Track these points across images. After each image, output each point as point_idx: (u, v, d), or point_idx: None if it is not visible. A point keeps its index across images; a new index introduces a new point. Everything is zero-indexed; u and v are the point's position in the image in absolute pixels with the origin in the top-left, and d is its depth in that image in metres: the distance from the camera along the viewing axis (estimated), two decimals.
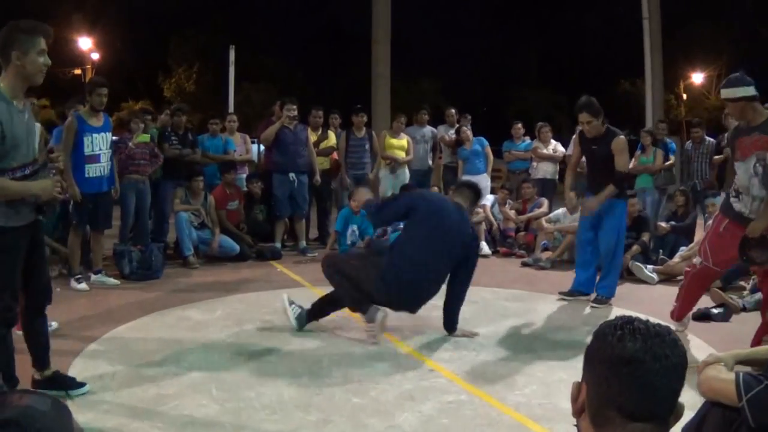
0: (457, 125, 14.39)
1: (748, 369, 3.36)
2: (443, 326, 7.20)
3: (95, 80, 10.31)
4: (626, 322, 1.90)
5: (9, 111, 4.66)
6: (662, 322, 1.94)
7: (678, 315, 7.36)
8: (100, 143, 9.16)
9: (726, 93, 6.57)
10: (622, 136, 8.63)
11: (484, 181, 13.74)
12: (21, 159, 4.77)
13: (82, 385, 5.40)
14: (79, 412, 4.84)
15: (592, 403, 1.89)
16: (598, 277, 8.97)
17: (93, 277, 9.56)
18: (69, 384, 5.33)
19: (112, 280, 9.65)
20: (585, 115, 8.55)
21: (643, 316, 1.93)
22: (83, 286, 9.09)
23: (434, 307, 8.13)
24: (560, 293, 9.14)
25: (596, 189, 8.75)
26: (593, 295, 8.79)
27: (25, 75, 4.78)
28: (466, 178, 13.39)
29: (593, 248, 8.97)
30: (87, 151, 8.97)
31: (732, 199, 6.77)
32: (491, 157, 14.30)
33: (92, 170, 9.06)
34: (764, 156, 6.37)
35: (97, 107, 9.24)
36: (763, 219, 6.39)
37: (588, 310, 8.47)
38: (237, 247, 11.56)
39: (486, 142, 14.17)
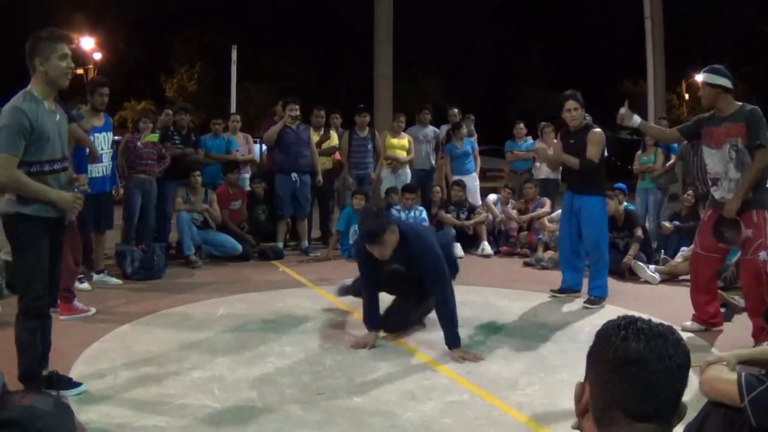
0: (456, 122, 14.39)
1: (750, 369, 3.36)
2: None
3: (96, 80, 10.24)
4: (629, 322, 1.89)
5: (37, 108, 4.95)
6: (665, 322, 1.94)
7: (695, 315, 7.45)
8: (102, 143, 9.17)
9: (707, 77, 7.00)
10: (599, 130, 8.80)
11: (472, 181, 13.79)
12: (49, 154, 5.04)
13: (78, 385, 5.40)
14: (81, 411, 4.86)
15: (596, 404, 1.88)
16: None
17: (95, 276, 9.56)
18: (65, 384, 5.33)
19: (115, 280, 9.66)
20: (571, 102, 8.77)
21: (645, 316, 1.93)
22: (85, 285, 9.09)
23: None
24: (551, 291, 9.16)
25: (574, 185, 8.91)
26: (585, 296, 8.80)
27: (49, 79, 5.05)
28: (456, 177, 13.44)
29: (574, 246, 9.01)
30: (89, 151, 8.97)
31: (711, 189, 7.22)
32: (478, 159, 14.38)
33: (95, 170, 9.06)
34: (736, 142, 6.82)
35: (98, 107, 9.26)
36: (737, 199, 6.81)
37: (590, 309, 8.46)
38: (239, 247, 11.56)
39: (476, 145, 14.27)
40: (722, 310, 7.73)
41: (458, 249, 12.28)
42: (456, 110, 15.02)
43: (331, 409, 5.12)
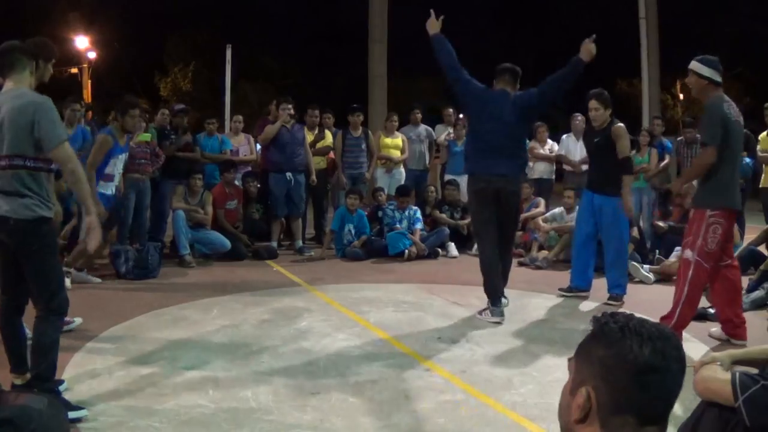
0: (458, 123, 14.35)
1: (744, 368, 3.36)
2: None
3: (129, 101, 9.85)
4: (636, 324, 1.87)
5: None
6: (650, 318, 1.94)
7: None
8: (119, 164, 9.12)
9: (695, 66, 6.88)
10: (621, 124, 8.83)
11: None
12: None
13: (60, 382, 5.38)
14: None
15: (606, 409, 1.83)
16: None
17: (75, 273, 9.46)
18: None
19: (95, 279, 9.62)
20: (593, 102, 8.86)
21: (637, 315, 1.93)
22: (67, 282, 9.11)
23: (430, 306, 8.20)
24: (560, 290, 9.18)
25: (596, 183, 8.88)
26: (608, 296, 8.80)
27: (39, 81, 5.28)
28: (449, 177, 13.44)
29: (590, 246, 9.01)
30: (107, 170, 8.92)
31: None
32: None
33: (106, 188, 9.00)
34: (698, 136, 6.74)
35: (129, 129, 9.18)
36: (681, 180, 7.13)
37: (584, 308, 8.48)
38: (228, 243, 11.52)
39: None
40: (716, 310, 7.73)
41: (452, 248, 12.31)
42: (451, 110, 15.01)
43: (325, 408, 5.12)
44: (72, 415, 4.68)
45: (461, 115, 14.97)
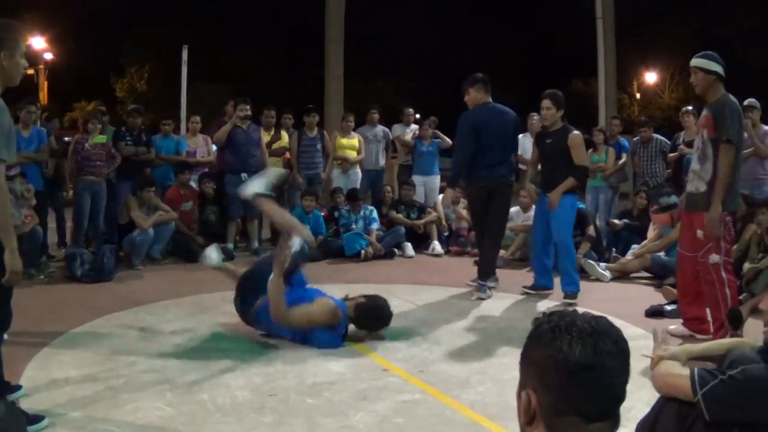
0: (424, 123, 14.32)
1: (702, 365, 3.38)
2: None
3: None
4: (567, 323, 1.84)
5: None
6: (590, 311, 1.93)
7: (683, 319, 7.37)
8: None
9: (701, 62, 6.75)
10: (577, 132, 8.91)
11: (433, 182, 13.74)
12: (8, 158, 4.60)
13: (18, 388, 5.29)
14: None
15: (548, 412, 1.81)
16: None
17: None
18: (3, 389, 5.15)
19: None
20: (546, 101, 8.93)
21: (580, 310, 1.92)
22: None
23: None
24: (524, 288, 9.22)
25: (548, 184, 8.94)
26: (563, 294, 8.81)
27: (7, 76, 4.62)
28: (416, 177, 13.43)
29: (547, 245, 9.06)
30: None
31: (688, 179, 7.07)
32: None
33: None
34: (703, 133, 6.69)
35: None
36: (716, 208, 6.55)
37: (542, 307, 8.51)
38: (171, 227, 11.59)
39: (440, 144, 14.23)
40: (673, 307, 7.77)
41: (409, 248, 12.29)
42: (411, 110, 15.00)
43: (283, 410, 5.11)
44: (32, 429, 4.58)
45: (434, 119, 14.94)
